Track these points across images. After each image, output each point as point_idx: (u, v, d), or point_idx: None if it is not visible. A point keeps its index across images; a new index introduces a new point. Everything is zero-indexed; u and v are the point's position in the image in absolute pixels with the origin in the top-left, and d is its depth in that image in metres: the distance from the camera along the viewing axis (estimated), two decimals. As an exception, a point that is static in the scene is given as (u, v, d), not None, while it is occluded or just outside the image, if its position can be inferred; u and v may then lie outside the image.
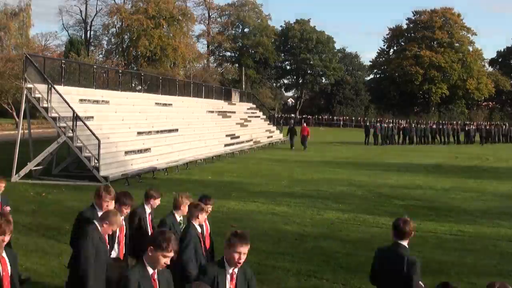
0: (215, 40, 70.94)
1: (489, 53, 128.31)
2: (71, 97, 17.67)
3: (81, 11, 63.49)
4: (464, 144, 39.25)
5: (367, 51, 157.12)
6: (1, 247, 3.94)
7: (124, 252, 5.69)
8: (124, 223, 5.61)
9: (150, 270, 3.64)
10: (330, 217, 11.54)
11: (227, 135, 27.52)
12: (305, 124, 34.17)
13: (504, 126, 46.88)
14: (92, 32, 63.48)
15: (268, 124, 37.38)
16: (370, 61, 79.31)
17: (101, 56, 59.76)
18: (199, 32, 71.10)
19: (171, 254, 3.61)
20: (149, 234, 5.92)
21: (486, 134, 40.86)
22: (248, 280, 3.94)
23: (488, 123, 56.17)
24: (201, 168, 19.89)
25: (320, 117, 69.16)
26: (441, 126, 42.85)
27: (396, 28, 75.34)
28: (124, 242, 5.68)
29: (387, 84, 71.67)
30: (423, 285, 4.49)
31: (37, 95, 16.84)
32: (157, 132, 20.88)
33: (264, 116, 38.30)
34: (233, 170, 19.09)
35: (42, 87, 16.88)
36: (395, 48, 76.53)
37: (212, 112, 29.50)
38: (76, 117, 16.43)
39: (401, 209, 12.71)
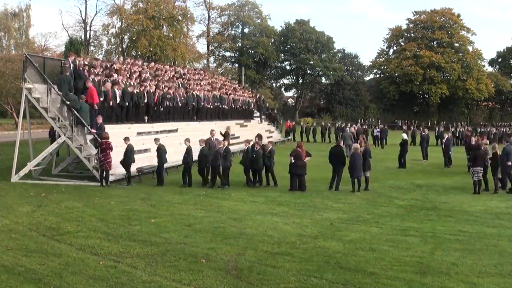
0: (215, 40, 70.92)
1: (489, 53, 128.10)
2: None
3: (80, 11, 63.47)
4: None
5: (367, 51, 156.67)
6: None
7: None
8: None
9: None
10: (330, 217, 11.54)
11: (226, 135, 27.39)
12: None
13: None
14: (92, 32, 63.37)
15: (268, 124, 37.37)
16: (370, 61, 79.38)
17: (101, 56, 59.71)
18: (199, 32, 71.22)
19: None
20: None
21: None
22: None
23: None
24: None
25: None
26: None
27: (396, 28, 75.36)
28: None
29: (387, 84, 71.63)
30: None
31: (37, 95, 16.85)
32: (157, 132, 20.82)
33: (264, 116, 38.30)
34: (232, 170, 19.03)
35: (41, 87, 16.89)
36: (394, 48, 76.51)
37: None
38: (75, 117, 16.44)
39: (402, 209, 12.73)
